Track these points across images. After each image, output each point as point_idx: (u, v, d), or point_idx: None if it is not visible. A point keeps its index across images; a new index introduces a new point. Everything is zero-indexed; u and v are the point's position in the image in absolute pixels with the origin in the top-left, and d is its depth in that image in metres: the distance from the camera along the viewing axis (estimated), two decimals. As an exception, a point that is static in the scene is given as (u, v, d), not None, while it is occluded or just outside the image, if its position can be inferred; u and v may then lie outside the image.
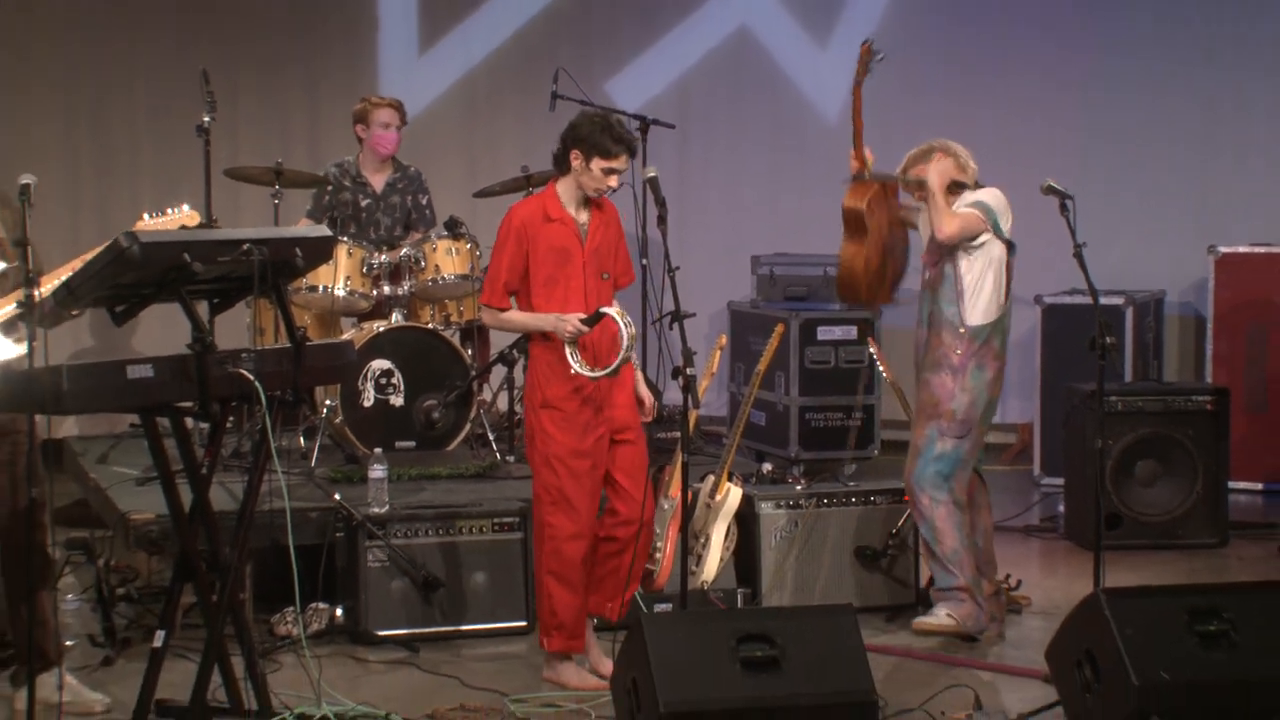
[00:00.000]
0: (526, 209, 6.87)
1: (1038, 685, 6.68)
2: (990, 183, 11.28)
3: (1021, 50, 11.52)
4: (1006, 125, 11.47)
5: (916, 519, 7.45)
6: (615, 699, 6.07)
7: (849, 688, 5.94)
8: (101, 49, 11.30)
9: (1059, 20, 11.48)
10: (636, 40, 11.92)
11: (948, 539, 7.36)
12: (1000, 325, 7.36)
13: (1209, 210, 11.13)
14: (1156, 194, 11.25)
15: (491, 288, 6.84)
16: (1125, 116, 11.36)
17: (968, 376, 7.30)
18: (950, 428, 7.33)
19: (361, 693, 6.62)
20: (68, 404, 5.84)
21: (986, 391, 7.36)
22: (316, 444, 8.76)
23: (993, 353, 7.35)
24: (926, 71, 11.64)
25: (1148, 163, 11.29)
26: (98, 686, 6.66)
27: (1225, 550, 9.03)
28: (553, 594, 6.77)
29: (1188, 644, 6.21)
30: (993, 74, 11.54)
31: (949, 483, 7.36)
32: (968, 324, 7.30)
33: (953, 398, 7.31)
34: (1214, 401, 9.19)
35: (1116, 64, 11.39)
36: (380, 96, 9.54)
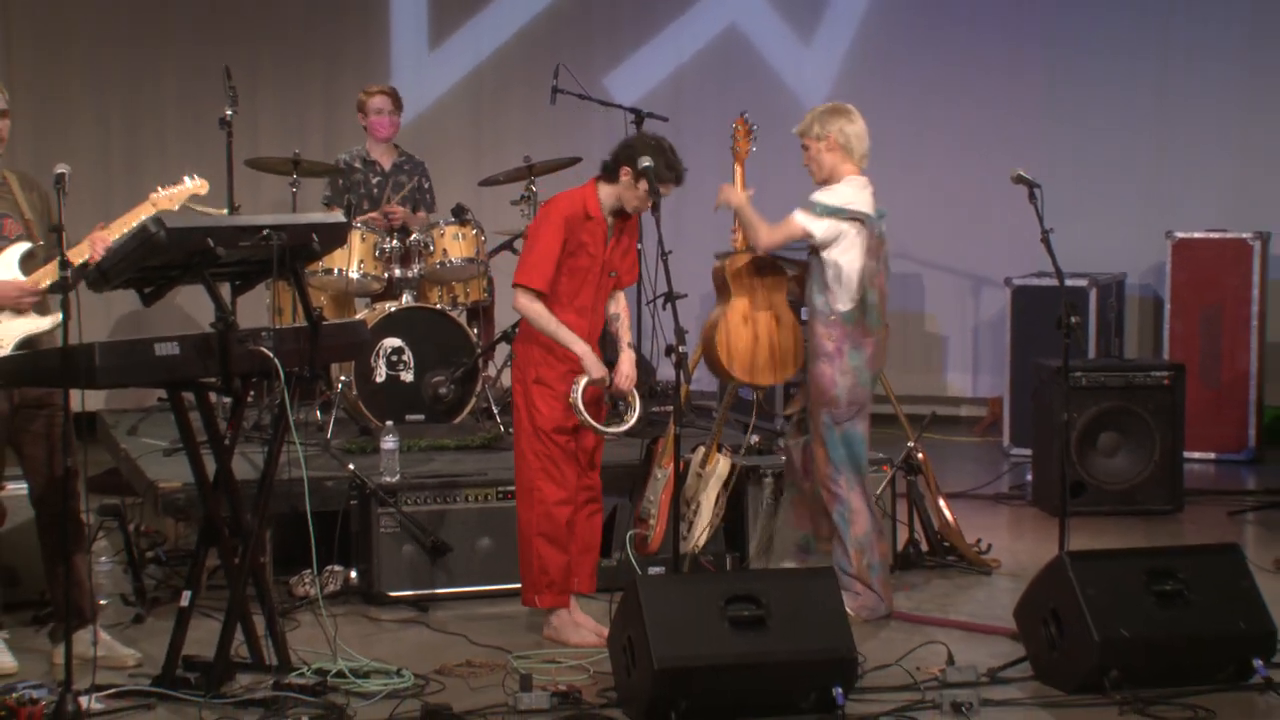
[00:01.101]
0: (571, 204, 6.76)
1: (1006, 642, 6.68)
2: (964, 171, 11.37)
3: (990, 47, 11.52)
4: (977, 118, 11.48)
5: (830, 503, 7.18)
6: (612, 655, 6.08)
7: (830, 645, 5.94)
8: (132, 49, 11.29)
9: (1024, 19, 11.48)
10: (633, 37, 11.91)
11: (860, 520, 7.17)
12: (864, 303, 7.09)
13: (1166, 198, 11.13)
14: (1117, 183, 11.26)
15: (537, 270, 6.66)
16: (1087, 110, 11.36)
17: (845, 359, 7.10)
18: (841, 413, 7.11)
19: (374, 650, 6.62)
20: (100, 379, 5.86)
21: (868, 368, 7.14)
22: (332, 417, 8.75)
23: (864, 330, 7.11)
24: (904, 66, 11.65)
25: (1109, 153, 11.29)
26: (129, 642, 6.67)
27: (1180, 515, 9.04)
28: (543, 554, 6.76)
29: (1145, 603, 6.24)
30: (965, 69, 11.54)
31: (860, 463, 7.20)
32: (837, 310, 7.10)
33: (834, 384, 7.08)
34: (1171, 377, 9.19)
35: (1077, 60, 11.39)
36: (373, 85, 9.61)
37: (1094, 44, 11.34)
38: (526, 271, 6.70)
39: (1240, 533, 8.71)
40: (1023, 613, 6.50)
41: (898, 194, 11.57)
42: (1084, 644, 6.12)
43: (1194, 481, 9.52)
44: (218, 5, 11.43)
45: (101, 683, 6.02)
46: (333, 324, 6.58)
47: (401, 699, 6.05)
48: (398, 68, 11.70)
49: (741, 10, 11.89)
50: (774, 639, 5.89)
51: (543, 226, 6.73)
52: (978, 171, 11.09)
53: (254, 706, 5.90)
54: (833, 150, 7.18)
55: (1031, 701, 6.12)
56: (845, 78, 11.79)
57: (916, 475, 8.05)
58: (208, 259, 6.01)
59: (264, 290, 8.75)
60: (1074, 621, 6.16)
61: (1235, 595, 6.34)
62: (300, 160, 9.22)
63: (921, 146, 11.58)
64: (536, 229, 6.77)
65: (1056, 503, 7.49)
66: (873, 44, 11.77)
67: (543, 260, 6.67)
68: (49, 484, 6.36)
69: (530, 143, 10.34)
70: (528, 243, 6.82)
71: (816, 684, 5.87)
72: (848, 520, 7.18)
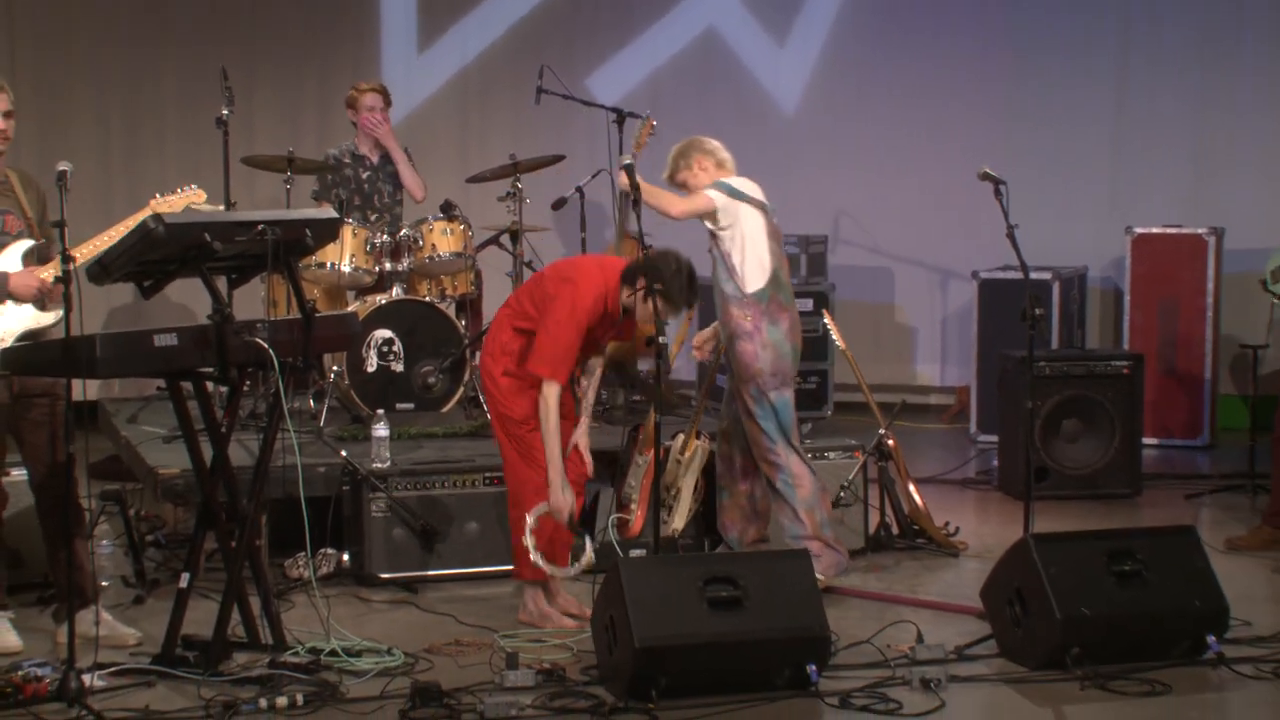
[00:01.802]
0: (597, 298, 6.60)
1: (973, 621, 6.69)
2: (932, 168, 11.38)
3: (957, 50, 11.53)
4: (945, 118, 11.49)
5: (772, 474, 7.24)
6: (594, 635, 6.08)
7: (804, 624, 5.95)
8: (132, 50, 11.26)
9: (989, 24, 11.49)
10: (614, 39, 11.90)
11: (804, 484, 7.24)
12: (776, 280, 7.21)
13: (1125, 195, 11.16)
14: (1079, 180, 11.28)
15: (563, 365, 6.55)
16: (1050, 110, 11.38)
17: (764, 335, 7.19)
18: (768, 382, 7.19)
19: (366, 629, 6.62)
20: (101, 369, 5.85)
21: (787, 340, 7.24)
22: (325, 406, 8.75)
23: (779, 305, 7.22)
24: (874, 69, 11.66)
25: (1071, 152, 11.31)
26: (130, 622, 6.66)
27: (1139, 499, 9.05)
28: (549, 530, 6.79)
29: (1105, 582, 6.25)
30: (933, 71, 11.56)
31: (791, 430, 7.24)
32: (747, 292, 7.19)
33: (757, 358, 7.18)
34: (1130, 367, 9.20)
35: (1040, 63, 11.40)
36: (366, 82, 9.55)
37: (1056, 47, 11.36)
38: (553, 365, 6.55)
39: (1196, 515, 8.73)
40: (989, 593, 6.51)
41: (868, 191, 11.69)
42: (1047, 622, 6.14)
43: (1152, 466, 9.55)
44: (215, 8, 11.41)
45: (103, 661, 6.01)
46: (325, 316, 6.58)
47: (392, 677, 6.05)
48: (388, 69, 11.68)
49: (718, 14, 11.89)
50: (750, 618, 5.89)
51: (568, 311, 6.55)
52: (945, 169, 11.10)
53: (250, 684, 5.89)
54: (706, 170, 7.31)
55: (997, 678, 6.12)
56: (817, 79, 11.79)
57: (887, 461, 8.06)
58: (205, 253, 5.99)
59: (259, 283, 8.77)
60: (1038, 601, 6.17)
61: (1191, 575, 6.36)
62: (294, 158, 9.20)
63: (891, 145, 11.59)
64: (564, 318, 6.55)
65: (1021, 487, 7.51)
66: (844, 47, 11.77)
67: (568, 355, 6.58)
68: (49, 470, 6.35)
69: (515, 141, 10.33)
70: (552, 328, 6.55)
71: (791, 661, 5.88)
72: (792, 485, 7.24)
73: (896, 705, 5.79)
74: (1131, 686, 5.99)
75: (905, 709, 5.76)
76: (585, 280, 6.63)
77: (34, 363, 6.05)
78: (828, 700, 5.81)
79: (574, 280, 6.63)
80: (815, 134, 11.74)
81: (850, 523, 7.88)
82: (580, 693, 5.88)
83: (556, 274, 6.75)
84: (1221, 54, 11.02)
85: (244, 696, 5.77)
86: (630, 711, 5.68)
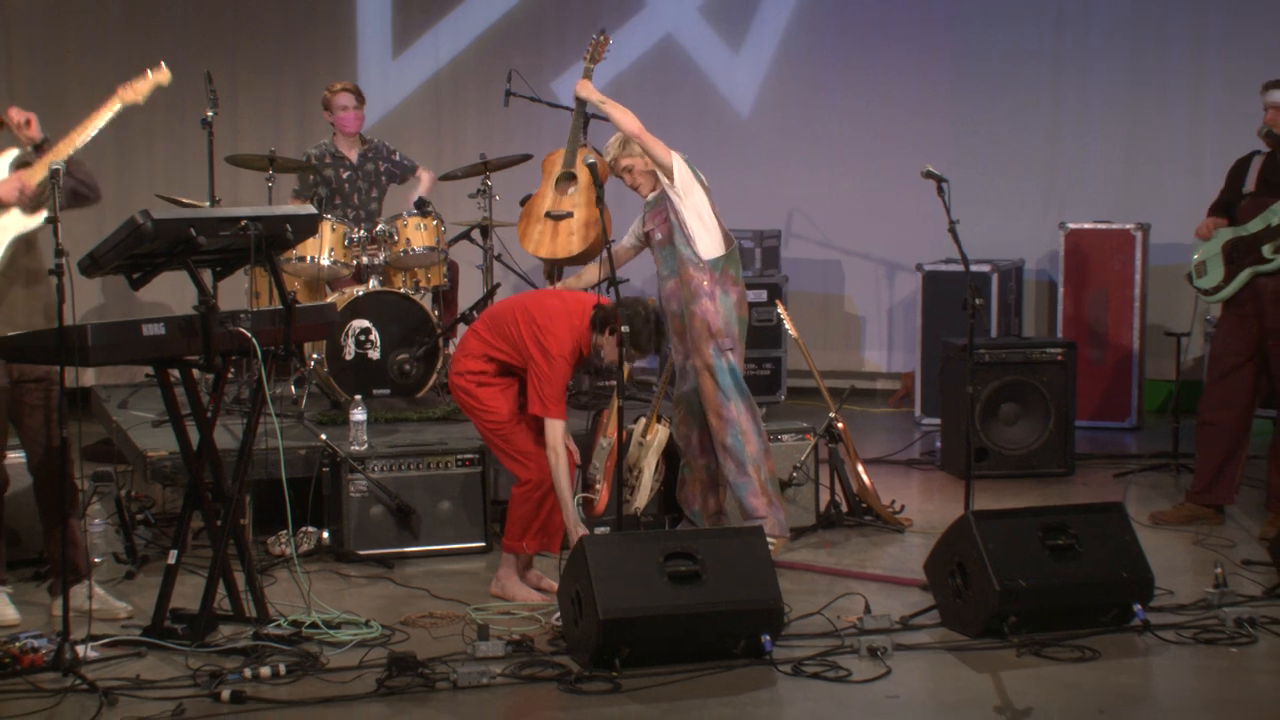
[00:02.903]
0: (576, 347, 6.67)
1: (917, 592, 6.72)
2: (879, 167, 11.40)
3: (902, 56, 11.54)
4: (891, 119, 11.50)
5: (721, 430, 7.25)
6: (561, 607, 6.08)
7: (759, 596, 5.96)
8: (124, 54, 11.16)
9: (932, 31, 11.49)
10: (579, 45, 11.71)
11: (752, 439, 7.26)
12: (731, 256, 7.25)
13: (1059, 192, 11.19)
14: (1016, 179, 11.30)
15: (561, 404, 6.64)
16: (989, 113, 11.39)
17: (718, 300, 7.21)
18: (724, 341, 7.21)
19: (345, 603, 6.61)
20: (92, 357, 5.83)
21: (735, 311, 7.26)
22: (305, 391, 8.72)
23: (730, 279, 7.25)
24: (824, 73, 11.66)
25: (1008, 152, 11.33)
26: (121, 596, 6.64)
27: (1072, 478, 9.08)
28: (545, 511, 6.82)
29: (1040, 556, 6.28)
30: (879, 75, 11.56)
31: (744, 389, 7.27)
32: (703, 258, 7.20)
33: (716, 315, 7.20)
34: (1064, 353, 9.23)
35: (980, 69, 11.41)
36: (336, 83, 9.52)
37: (994, 55, 11.38)
38: (555, 407, 6.62)
39: (1124, 492, 8.76)
40: (932, 566, 6.53)
41: (819, 188, 11.70)
42: (986, 593, 6.16)
43: (1083, 447, 9.58)
44: (200, 16, 11.34)
45: (96, 633, 5.99)
46: (305, 306, 6.55)
47: (370, 647, 6.04)
48: (364, 74, 11.63)
49: (677, 22, 11.87)
50: (708, 592, 5.90)
51: (559, 355, 6.59)
52: (891, 168, 11.12)
53: (235, 655, 5.88)
54: (648, 161, 7.29)
55: (940, 646, 6.15)
56: (770, 83, 11.79)
57: (837, 443, 8.07)
58: (191, 247, 5.97)
59: (243, 276, 8.74)
60: (977, 573, 6.20)
61: (1119, 548, 6.40)
62: (276, 157, 9.16)
63: (840, 145, 11.60)
64: (557, 368, 6.61)
65: (962, 467, 7.54)
66: (796, 53, 11.77)
67: (562, 396, 6.65)
68: (46, 453, 6.31)
69: (485, 141, 10.30)
70: (546, 377, 6.60)
71: (746, 632, 5.89)
72: (741, 440, 7.26)
73: (846, 672, 5.80)
74: (1064, 652, 6.02)
75: (854, 676, 5.78)
76: (557, 339, 6.62)
77: (29, 350, 6.01)
78: (781, 668, 5.83)
79: (547, 344, 6.62)
80: (768, 135, 11.73)
81: (802, 501, 7.89)
82: (548, 662, 5.88)
83: (531, 334, 6.67)
84: (1148, 63, 11.06)
85: (229, 666, 5.75)
86: (595, 680, 5.69)
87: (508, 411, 6.74)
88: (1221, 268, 7.61)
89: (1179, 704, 5.79)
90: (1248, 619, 6.31)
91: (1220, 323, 7.80)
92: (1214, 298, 7.70)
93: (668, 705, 5.52)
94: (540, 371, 6.60)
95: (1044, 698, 5.61)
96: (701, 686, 5.69)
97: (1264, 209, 7.50)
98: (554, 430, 6.62)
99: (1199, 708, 5.65)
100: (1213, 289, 7.67)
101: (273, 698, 5.53)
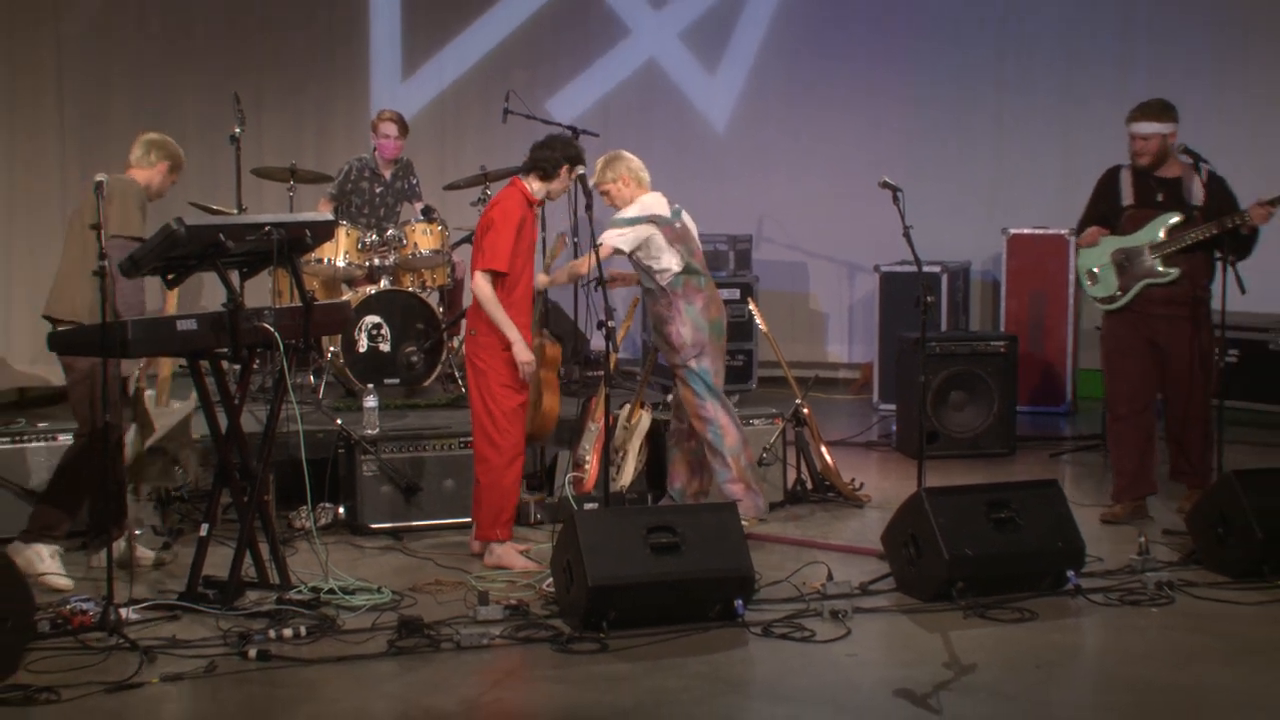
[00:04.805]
0: (521, 201, 6.70)
1: (874, 561, 6.72)
2: (841, 178, 11.40)
3: (863, 76, 11.54)
4: (852, 134, 11.50)
5: (702, 428, 7.25)
6: (554, 575, 6.09)
7: (733, 565, 5.98)
8: (161, 80, 11.15)
9: (888, 55, 11.50)
10: (570, 68, 11.86)
11: (730, 432, 7.25)
12: (687, 269, 7.21)
13: (1002, 201, 11.18)
14: (963, 188, 11.30)
15: (499, 257, 6.61)
16: (940, 129, 11.39)
17: (683, 313, 7.19)
18: (689, 351, 7.19)
19: (359, 571, 6.61)
20: (132, 350, 5.83)
21: (703, 315, 7.23)
22: (322, 381, 8.73)
23: (693, 288, 7.21)
24: (791, 92, 11.66)
25: (957, 165, 11.34)
26: (158, 566, 6.67)
27: (1013, 458, 9.10)
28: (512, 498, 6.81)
29: (985, 528, 6.30)
30: (841, 95, 11.56)
31: (716, 389, 7.26)
32: (662, 283, 7.18)
33: (679, 334, 7.18)
34: (1006, 346, 9.26)
35: (933, 89, 11.42)
36: (387, 111, 9.43)
37: (944, 78, 11.38)
38: (489, 257, 6.62)
39: (1059, 471, 8.79)
40: (888, 537, 6.55)
41: (787, 197, 11.71)
42: (936, 561, 6.18)
43: (1024, 430, 9.59)
44: (230, 42, 11.30)
45: (137, 597, 6.00)
46: (323, 304, 6.55)
47: (381, 611, 6.05)
48: (376, 94, 11.61)
49: (658, 47, 11.87)
50: (687, 561, 5.91)
51: (506, 219, 6.62)
52: (852, 178, 11.10)
53: (261, 617, 5.89)
54: (628, 185, 7.26)
55: (895, 609, 6.17)
56: (743, 102, 11.79)
57: (802, 427, 8.08)
58: (219, 251, 5.97)
59: (266, 276, 8.73)
60: (929, 543, 6.22)
61: (1055, 521, 6.42)
62: (297, 170, 9.18)
63: (806, 158, 11.61)
64: (502, 222, 6.63)
65: (915, 448, 7.54)
66: (766, 75, 11.78)
67: (508, 250, 6.61)
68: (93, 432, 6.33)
69: (485, 154, 10.29)
70: (497, 232, 6.64)
71: (721, 597, 5.90)
72: (720, 435, 7.25)
73: (810, 633, 5.82)
74: (1006, 614, 6.05)
75: (817, 636, 5.80)
76: (514, 196, 6.73)
77: (76, 344, 6.01)
78: (752, 630, 5.84)
79: (495, 204, 6.75)
80: (742, 149, 11.74)
81: (772, 479, 7.90)
82: (542, 625, 5.89)
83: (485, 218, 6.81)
84: (1080, 85, 11.06)
85: (255, 628, 5.76)
86: (584, 640, 5.70)
87: (512, 402, 6.73)
88: (1115, 278, 7.53)
89: (1107, 658, 5.82)
90: (1167, 582, 6.36)
91: (1110, 323, 7.63)
92: (1110, 307, 7.59)
93: (650, 663, 5.54)
94: (494, 232, 6.62)
95: (987, 654, 5.63)
96: (680, 646, 5.70)
97: (1146, 220, 7.45)
98: (482, 280, 6.61)
99: (1124, 661, 5.68)
100: (1108, 298, 7.58)
101: (294, 656, 5.54)
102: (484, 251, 6.67)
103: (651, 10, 11.87)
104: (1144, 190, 7.49)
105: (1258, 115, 10.63)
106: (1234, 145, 9.53)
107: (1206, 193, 7.30)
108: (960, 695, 5.26)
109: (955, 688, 5.32)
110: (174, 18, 11.27)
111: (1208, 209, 7.29)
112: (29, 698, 5.09)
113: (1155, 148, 7.40)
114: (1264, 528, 6.44)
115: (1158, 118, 7.40)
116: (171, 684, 5.28)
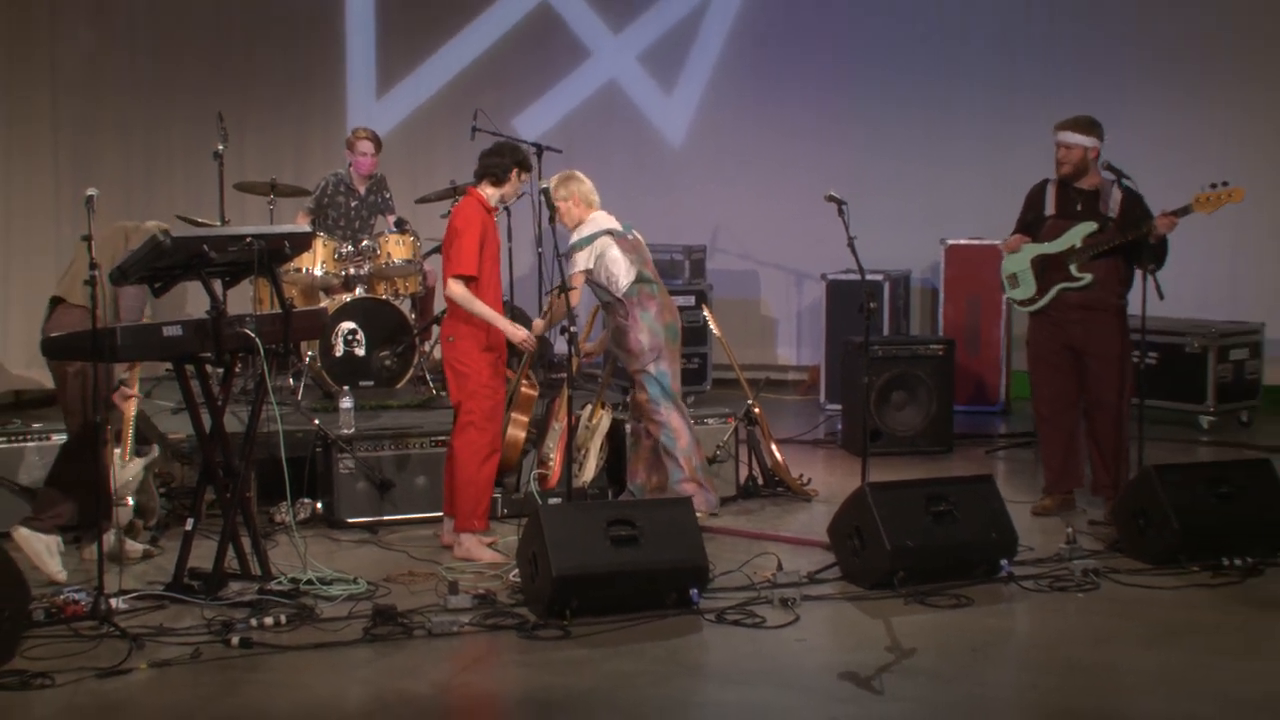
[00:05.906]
0: (479, 209, 6.72)
1: (821, 552, 6.75)
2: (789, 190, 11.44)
3: (810, 96, 11.58)
4: (800, 150, 11.53)
5: (657, 431, 7.29)
6: (520, 566, 6.10)
7: (688, 556, 6.00)
8: (150, 99, 11.09)
9: (835, 76, 11.54)
10: (535, 88, 11.86)
11: (682, 435, 7.29)
12: (640, 278, 7.25)
13: (940, 213, 11.22)
14: (905, 201, 11.33)
15: (467, 262, 6.62)
16: (882, 145, 11.43)
17: (640, 321, 7.22)
18: (646, 357, 7.23)
19: (336, 563, 6.60)
20: (121, 354, 5.81)
21: (658, 320, 7.26)
22: (301, 383, 8.69)
23: (647, 295, 7.26)
24: (743, 111, 11.69)
25: (898, 179, 11.38)
26: (146, 558, 6.66)
27: (951, 455, 9.15)
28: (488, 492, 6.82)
29: (924, 520, 6.34)
30: (790, 112, 11.59)
31: (671, 393, 7.30)
32: (620, 295, 7.22)
33: (638, 342, 7.22)
34: (944, 349, 9.31)
35: (873, 108, 11.46)
36: (362, 129, 9.40)
37: (886, 97, 11.44)
38: (457, 264, 6.65)
39: (994, 467, 8.84)
40: (834, 529, 6.58)
41: (739, 209, 11.74)
42: (879, 552, 6.21)
43: (961, 428, 9.64)
44: (215, 66, 11.26)
45: (126, 588, 5.98)
46: (301, 311, 6.54)
47: (357, 601, 6.05)
48: (352, 112, 11.57)
49: (618, 69, 11.89)
50: (645, 552, 5.92)
51: (468, 226, 6.64)
52: (800, 191, 11.13)
53: (243, 607, 5.88)
54: (577, 205, 7.29)
55: (840, 597, 6.20)
56: (698, 119, 11.82)
57: (754, 425, 8.11)
58: (204, 261, 5.95)
59: (248, 285, 8.67)
60: (872, 535, 6.25)
61: (990, 513, 6.47)
62: (277, 184, 9.15)
63: (757, 172, 11.64)
64: (465, 229, 6.65)
65: (860, 446, 7.58)
66: (720, 94, 11.81)
67: (474, 254, 6.63)
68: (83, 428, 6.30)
69: (455, 169, 10.25)
70: (462, 240, 6.67)
71: (677, 586, 5.93)
72: (673, 437, 7.28)
73: (761, 619, 5.85)
74: (943, 600, 6.09)
75: (768, 623, 5.83)
76: (472, 205, 6.75)
77: (68, 349, 5.98)
78: (706, 617, 5.86)
79: (457, 214, 6.78)
80: (696, 163, 11.77)
81: (724, 475, 7.92)
82: (508, 613, 5.89)
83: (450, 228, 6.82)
84: (1012, 102, 11.13)
85: (238, 617, 5.75)
86: (549, 627, 5.71)
87: (491, 400, 6.74)
88: (1033, 282, 7.61)
89: (1037, 640, 5.87)
90: (1093, 569, 6.42)
91: (1032, 328, 7.69)
92: (1029, 309, 7.66)
93: (610, 649, 5.55)
94: (459, 241, 6.65)
95: (927, 639, 5.67)
96: (639, 633, 5.72)
97: (1065, 229, 7.53)
98: (456, 284, 6.61)
99: (1053, 643, 5.73)
100: (1027, 300, 7.66)
101: (275, 643, 5.54)
102: (452, 259, 6.70)
103: (611, 34, 11.89)
104: (1065, 201, 7.57)
105: (1170, 132, 10.73)
106: (1147, 158, 9.61)
107: (1122, 205, 7.38)
108: (901, 677, 5.29)
109: (896, 670, 5.36)
110: (163, 43, 11.21)
111: (1122, 220, 7.37)
112: (25, 682, 5.10)
113: (1077, 158, 7.48)
114: (1180, 519, 6.51)
115: (1083, 131, 7.49)
116: (159, 669, 5.27)
